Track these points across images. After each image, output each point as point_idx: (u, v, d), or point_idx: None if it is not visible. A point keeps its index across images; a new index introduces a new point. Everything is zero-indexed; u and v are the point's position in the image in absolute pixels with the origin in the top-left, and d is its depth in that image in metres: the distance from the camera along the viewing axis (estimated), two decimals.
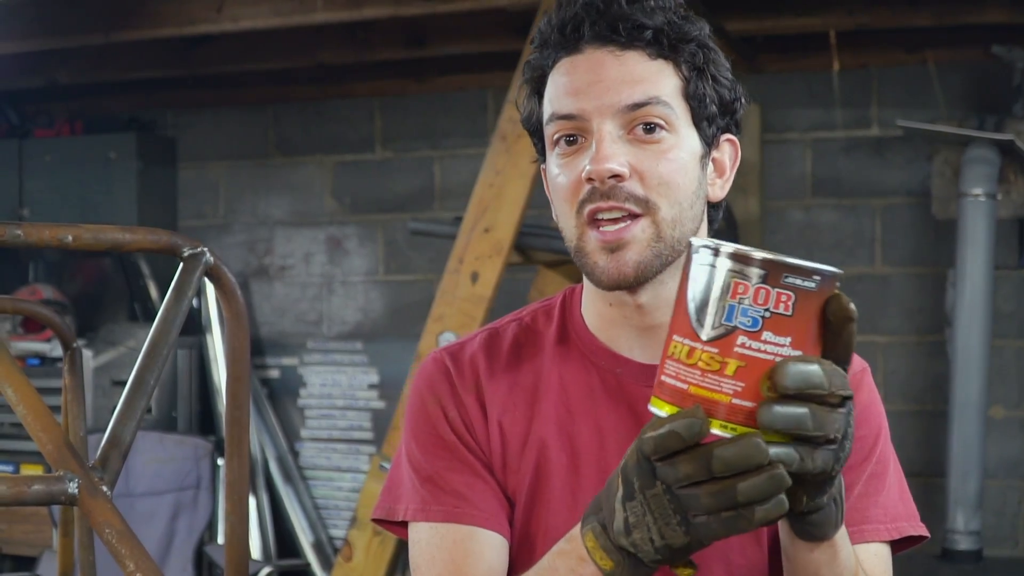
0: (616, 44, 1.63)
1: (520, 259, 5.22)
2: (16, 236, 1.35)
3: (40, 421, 1.27)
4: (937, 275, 6.00)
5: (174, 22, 5.57)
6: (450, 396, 1.75)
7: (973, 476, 5.50)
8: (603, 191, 1.60)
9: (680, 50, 1.64)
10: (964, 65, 6.01)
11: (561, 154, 1.66)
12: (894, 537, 1.69)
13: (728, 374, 1.20)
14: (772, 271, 1.20)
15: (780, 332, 1.20)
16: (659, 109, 1.61)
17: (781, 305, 1.20)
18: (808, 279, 1.21)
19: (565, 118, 1.64)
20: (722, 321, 1.21)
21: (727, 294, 1.21)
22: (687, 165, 1.64)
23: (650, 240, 1.61)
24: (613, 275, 1.62)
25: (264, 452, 6.86)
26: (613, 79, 1.62)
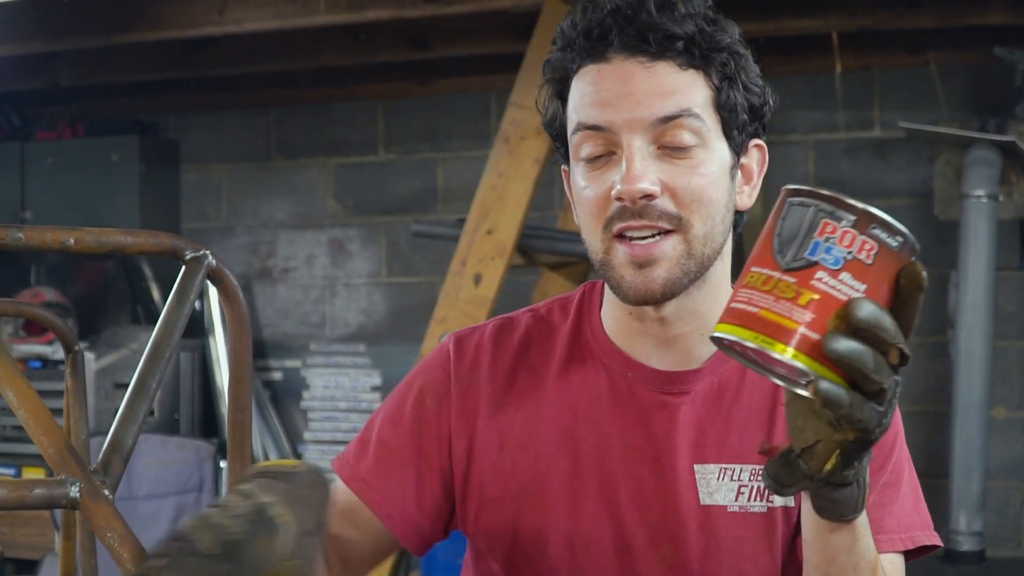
0: (646, 54, 1.58)
1: (523, 261, 5.22)
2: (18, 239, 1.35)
3: (42, 425, 1.27)
4: (939, 276, 5.99)
5: (176, 24, 5.57)
6: (437, 385, 1.76)
7: (975, 477, 5.50)
8: (634, 210, 1.56)
9: (711, 59, 1.59)
10: (966, 67, 6.01)
11: (588, 166, 1.61)
12: (908, 547, 1.66)
13: (801, 303, 1.21)
14: (862, 218, 1.22)
15: (858, 277, 1.21)
16: (691, 122, 1.57)
17: (864, 252, 1.21)
18: (892, 236, 1.22)
19: (592, 129, 1.59)
20: (804, 254, 1.22)
21: (814, 230, 1.23)
22: (719, 179, 1.60)
23: (680, 257, 1.58)
24: (640, 291, 1.59)
25: (267, 454, 6.86)
26: (643, 91, 1.57)
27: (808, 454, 1.27)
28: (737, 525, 1.65)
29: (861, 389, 1.19)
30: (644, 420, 1.68)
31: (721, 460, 1.66)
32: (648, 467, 1.67)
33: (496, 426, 1.72)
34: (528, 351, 1.77)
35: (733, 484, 1.65)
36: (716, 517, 1.65)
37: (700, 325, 1.67)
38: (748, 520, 1.65)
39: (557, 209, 6.00)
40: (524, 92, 4.73)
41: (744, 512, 1.65)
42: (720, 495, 1.65)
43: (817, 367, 1.20)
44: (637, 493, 1.67)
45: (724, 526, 1.65)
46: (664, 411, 1.68)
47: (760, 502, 1.65)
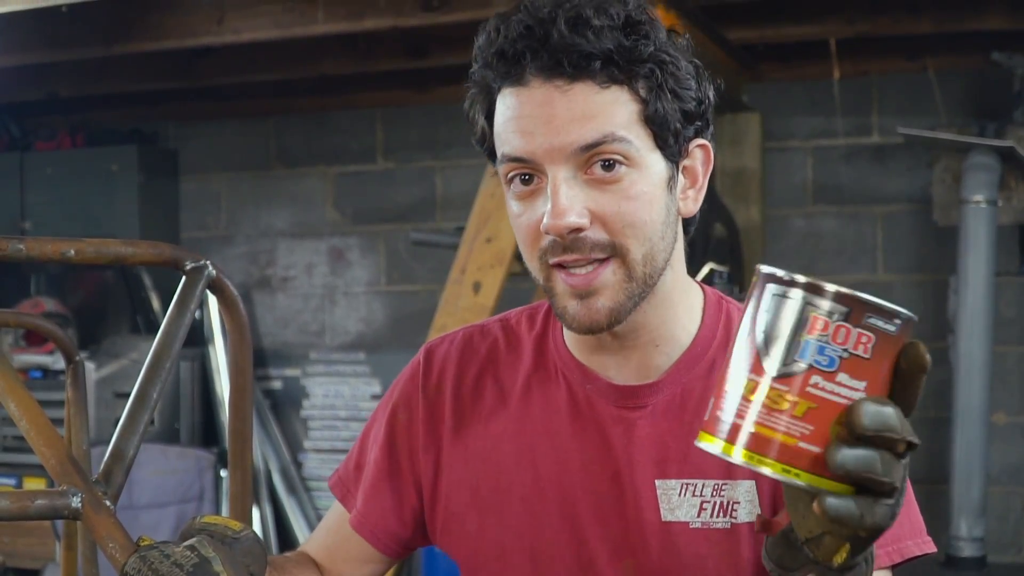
0: (562, 77, 1.50)
1: (522, 269, 5.20)
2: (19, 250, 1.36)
3: (43, 435, 1.27)
4: (939, 282, 5.99)
5: (175, 34, 5.57)
6: (407, 397, 1.79)
7: (976, 482, 5.49)
8: (564, 244, 1.51)
9: (634, 73, 1.51)
10: (964, 72, 6.02)
11: (516, 194, 1.57)
12: (895, 561, 1.62)
13: (797, 415, 1.12)
14: (855, 309, 1.13)
15: (856, 375, 1.12)
16: (615, 146, 1.50)
17: (860, 347, 1.12)
18: (890, 321, 1.14)
19: (515, 160, 1.54)
20: (795, 357, 1.13)
21: (803, 329, 1.13)
22: (653, 197, 1.54)
23: (621, 282, 1.53)
24: (585, 322, 1.55)
25: (267, 463, 6.85)
26: (562, 118, 1.50)
27: (814, 544, 1.21)
28: (699, 542, 1.62)
29: (871, 492, 1.14)
30: (602, 434, 1.66)
31: (683, 475, 1.62)
32: (607, 482, 1.65)
33: (460, 440, 1.73)
34: (495, 363, 1.76)
35: (695, 500, 1.62)
36: (678, 534, 1.62)
37: (654, 337, 1.64)
38: (711, 537, 1.61)
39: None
40: None
41: (707, 528, 1.61)
42: (682, 511, 1.62)
43: (821, 482, 1.13)
44: (597, 508, 1.65)
45: (686, 543, 1.62)
46: (621, 425, 1.65)
47: (723, 518, 1.61)
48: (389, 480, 1.77)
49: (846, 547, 1.20)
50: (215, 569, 1.23)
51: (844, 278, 6.17)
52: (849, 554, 1.20)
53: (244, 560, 1.30)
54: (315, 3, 5.30)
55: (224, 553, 1.27)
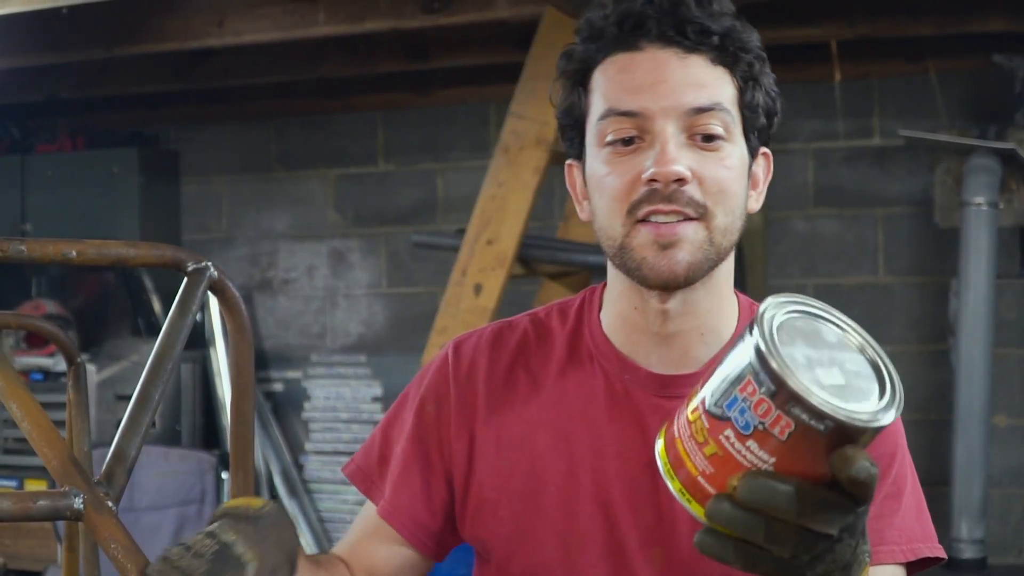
0: (681, 47, 1.59)
1: (523, 271, 5.22)
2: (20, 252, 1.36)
3: (45, 437, 1.27)
4: (940, 284, 6.00)
5: (176, 37, 5.57)
6: (437, 390, 1.78)
7: (977, 485, 5.49)
8: (664, 194, 1.56)
9: (739, 59, 1.62)
10: (965, 74, 6.02)
11: (614, 152, 1.61)
12: (909, 559, 1.65)
13: (707, 453, 1.14)
14: (780, 392, 1.09)
15: (766, 448, 1.11)
16: (721, 116, 1.59)
17: (777, 427, 1.10)
18: (819, 421, 1.08)
19: (625, 115, 1.59)
20: (723, 403, 1.13)
21: (737, 384, 1.13)
22: (740, 174, 1.62)
23: (703, 243, 1.58)
24: (664, 272, 1.58)
25: (268, 466, 6.86)
26: (678, 81, 1.58)
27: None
28: None
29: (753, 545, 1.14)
30: (639, 423, 1.68)
31: None
32: (642, 470, 1.66)
33: (493, 428, 1.73)
34: (526, 354, 1.77)
35: None
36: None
37: (699, 324, 1.67)
38: None
39: (557, 219, 6.01)
40: (524, 102, 4.73)
41: None
42: None
43: (705, 518, 1.15)
44: (630, 496, 1.67)
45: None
46: (659, 415, 1.67)
47: None
48: (419, 471, 1.77)
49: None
50: (236, 552, 1.22)
51: (845, 280, 6.18)
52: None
53: (272, 535, 1.28)
54: (316, 5, 5.30)
55: (247, 532, 1.25)
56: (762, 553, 1.14)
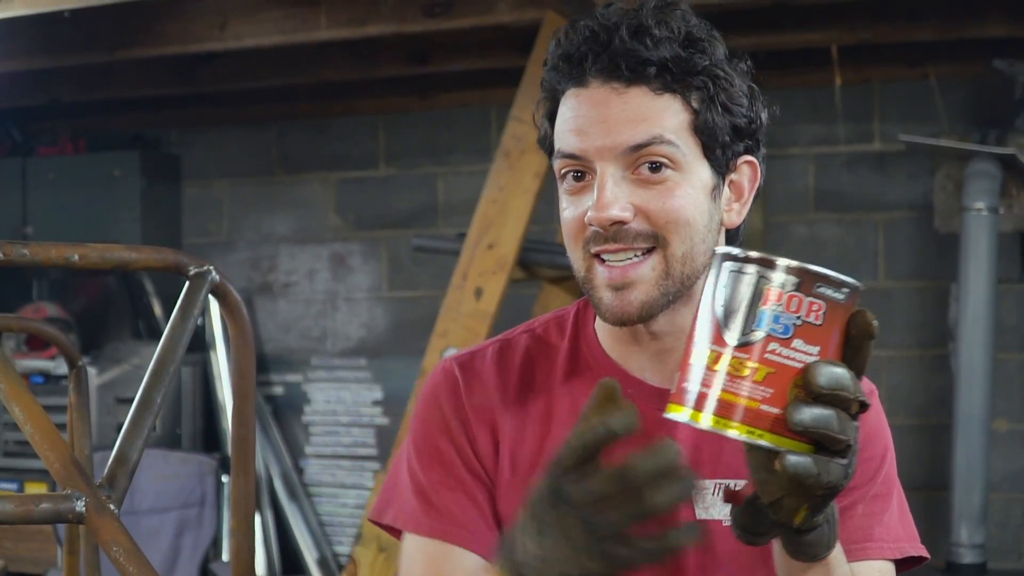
0: (619, 80, 1.58)
1: (524, 275, 5.22)
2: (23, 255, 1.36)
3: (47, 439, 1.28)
4: (940, 289, 6.00)
5: (178, 40, 5.58)
6: (456, 410, 1.74)
7: (977, 489, 5.50)
8: (607, 235, 1.58)
9: (687, 83, 1.59)
10: (966, 79, 6.02)
11: (568, 190, 1.64)
12: (896, 556, 1.67)
13: (757, 380, 1.20)
14: (806, 280, 1.20)
15: (810, 341, 1.20)
16: (663, 148, 1.57)
17: (812, 314, 1.20)
18: (838, 290, 1.21)
19: (569, 157, 1.61)
20: (753, 327, 1.20)
21: (759, 300, 1.21)
22: (696, 200, 1.61)
23: (658, 278, 1.59)
24: (617, 313, 1.61)
25: (269, 469, 6.86)
26: (616, 119, 1.58)
27: (775, 508, 1.28)
28: (733, 539, 1.64)
29: (827, 450, 1.21)
30: (647, 438, 1.68)
31: (716, 475, 1.67)
32: None
33: (508, 447, 1.72)
34: (531, 372, 1.76)
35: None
36: (712, 532, 1.65)
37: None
38: None
39: (557, 223, 5.98)
40: (524, 106, 4.74)
41: None
42: (715, 510, 1.66)
43: (781, 441, 1.20)
44: None
45: (720, 540, 1.64)
46: (663, 428, 1.67)
47: None
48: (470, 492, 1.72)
49: (805, 507, 1.27)
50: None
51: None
52: (807, 515, 1.28)
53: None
54: (317, 9, 5.31)
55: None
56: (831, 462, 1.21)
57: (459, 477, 1.72)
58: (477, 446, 1.73)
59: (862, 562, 1.63)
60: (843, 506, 1.65)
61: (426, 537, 1.71)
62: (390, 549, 4.87)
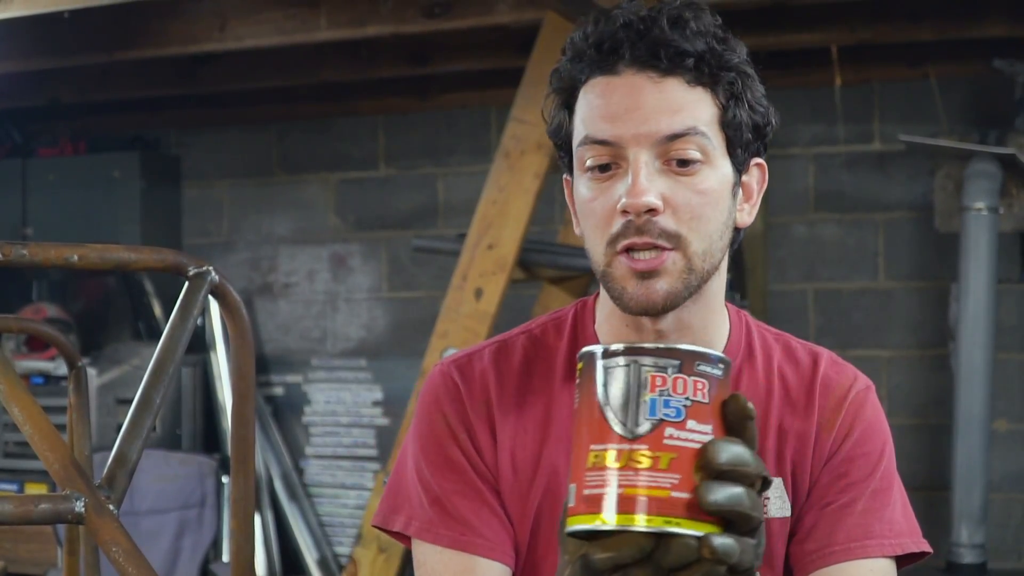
0: (656, 70, 1.57)
1: (524, 275, 5.23)
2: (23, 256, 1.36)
3: (47, 440, 1.28)
4: (940, 289, 6.00)
5: (177, 41, 5.58)
6: (459, 416, 1.73)
7: (977, 489, 5.50)
8: (638, 225, 1.56)
9: (719, 78, 1.59)
10: (966, 79, 6.02)
11: (593, 179, 1.61)
12: (897, 552, 1.66)
13: (662, 467, 1.15)
14: (685, 360, 1.17)
15: (702, 420, 1.17)
16: (697, 140, 1.57)
17: (699, 393, 1.17)
18: (715, 367, 1.18)
19: (600, 143, 1.59)
20: (645, 416, 1.16)
21: (644, 389, 1.17)
22: (720, 197, 1.61)
23: (681, 271, 1.59)
24: (642, 301, 1.59)
25: (269, 470, 6.86)
26: (652, 107, 1.57)
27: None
28: None
29: (739, 530, 1.17)
30: None
31: None
32: None
33: (508, 449, 1.71)
34: (529, 373, 1.76)
35: None
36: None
37: (694, 339, 1.66)
38: None
39: (558, 223, 6.01)
40: (524, 107, 4.74)
41: None
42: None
43: (698, 526, 1.15)
44: None
45: None
46: None
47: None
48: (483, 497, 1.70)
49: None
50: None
51: (845, 285, 6.18)
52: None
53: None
54: (317, 10, 5.31)
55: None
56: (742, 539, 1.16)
57: (472, 484, 1.71)
58: (481, 450, 1.72)
59: (863, 560, 1.63)
60: (843, 503, 1.66)
61: (446, 548, 1.69)
62: (390, 550, 4.87)
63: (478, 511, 1.69)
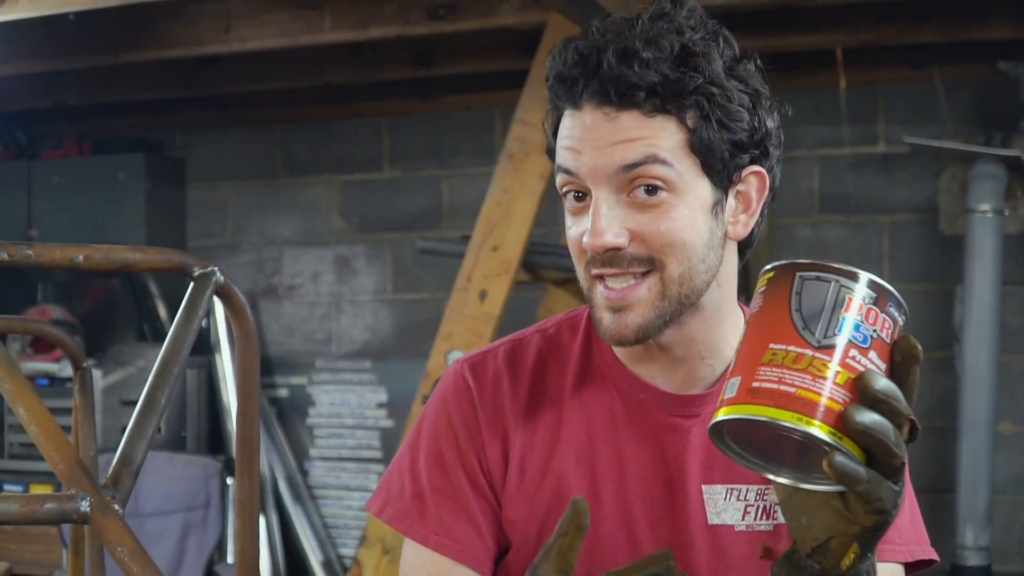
0: (610, 105, 1.56)
1: (528, 277, 5.23)
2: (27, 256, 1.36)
3: (52, 441, 1.28)
4: (945, 291, 6.00)
5: (182, 43, 5.59)
6: (464, 418, 1.73)
7: (982, 492, 5.49)
8: (603, 260, 1.58)
9: (680, 104, 1.56)
10: (970, 81, 6.02)
11: (570, 210, 1.65)
12: (908, 559, 1.68)
13: (839, 383, 1.19)
14: (881, 296, 1.22)
15: (881, 356, 1.21)
16: (656, 169, 1.55)
17: (885, 331, 1.22)
18: (902, 314, 1.23)
19: (567, 173, 1.61)
20: (835, 331, 1.21)
21: (841, 307, 1.22)
22: (694, 221, 1.58)
23: (654, 300, 1.59)
24: (615, 335, 1.61)
25: (273, 471, 6.86)
26: (606, 141, 1.56)
27: (820, 552, 1.27)
28: (745, 544, 1.66)
29: (881, 465, 1.20)
30: (658, 441, 1.69)
31: (727, 480, 1.67)
32: (661, 488, 1.68)
33: (518, 450, 1.72)
34: (542, 374, 1.76)
35: (740, 504, 1.67)
36: (724, 536, 1.66)
37: (700, 350, 1.68)
38: (755, 539, 1.66)
39: (562, 225, 6.01)
40: (528, 109, 4.74)
41: (751, 531, 1.67)
42: (727, 515, 1.67)
43: (848, 444, 1.19)
44: (651, 514, 1.68)
45: (732, 545, 1.66)
46: (676, 433, 1.69)
47: (767, 521, 1.67)
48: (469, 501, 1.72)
49: (854, 547, 1.25)
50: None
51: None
52: (857, 555, 1.26)
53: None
54: (321, 12, 5.31)
55: None
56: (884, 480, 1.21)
57: (458, 487, 1.71)
58: (486, 454, 1.72)
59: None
60: None
61: (422, 546, 1.71)
62: (395, 551, 4.87)
63: (456, 515, 1.70)
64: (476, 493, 1.72)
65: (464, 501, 1.71)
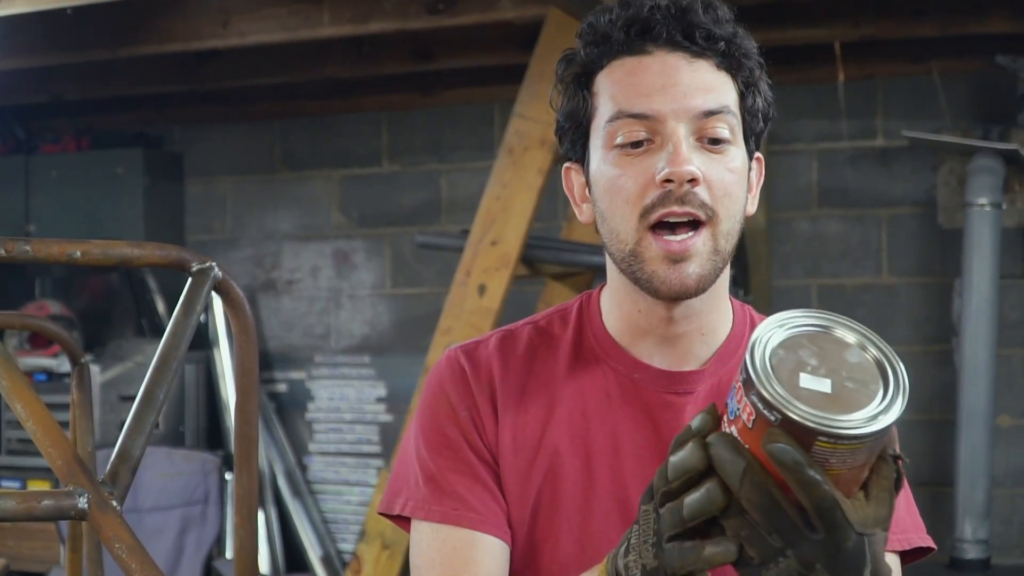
0: (689, 51, 1.62)
1: (527, 271, 5.23)
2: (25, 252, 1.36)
3: (50, 436, 1.28)
4: (943, 284, 6.00)
5: (181, 37, 5.58)
6: (462, 397, 1.75)
7: (981, 485, 5.49)
8: (678, 195, 1.58)
9: (742, 65, 1.65)
10: (969, 75, 6.02)
11: (624, 155, 1.63)
12: (904, 548, 1.68)
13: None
14: (747, 381, 1.19)
15: (741, 435, 1.20)
16: (728, 119, 1.61)
17: (745, 414, 1.19)
18: (770, 412, 1.17)
19: (636, 117, 1.61)
20: (727, 398, 1.23)
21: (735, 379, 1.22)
22: (742, 177, 1.65)
23: (710, 253, 1.61)
24: (675, 286, 1.61)
25: (272, 466, 6.86)
26: (688, 84, 1.61)
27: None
28: None
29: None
30: (652, 419, 1.70)
31: None
32: (655, 465, 1.67)
33: (508, 430, 1.73)
34: (533, 359, 1.77)
35: None
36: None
37: (700, 325, 1.71)
38: None
39: (561, 220, 6.01)
40: (528, 103, 4.74)
41: None
42: None
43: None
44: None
45: None
46: (670, 411, 1.70)
47: None
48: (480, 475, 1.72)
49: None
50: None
51: (848, 281, 6.18)
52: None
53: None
54: (320, 6, 5.31)
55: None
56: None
57: (468, 462, 1.72)
58: (484, 431, 1.74)
59: None
60: None
61: (440, 524, 1.70)
62: (394, 546, 4.87)
63: (472, 487, 1.71)
64: (483, 463, 1.73)
65: (476, 472, 1.72)
